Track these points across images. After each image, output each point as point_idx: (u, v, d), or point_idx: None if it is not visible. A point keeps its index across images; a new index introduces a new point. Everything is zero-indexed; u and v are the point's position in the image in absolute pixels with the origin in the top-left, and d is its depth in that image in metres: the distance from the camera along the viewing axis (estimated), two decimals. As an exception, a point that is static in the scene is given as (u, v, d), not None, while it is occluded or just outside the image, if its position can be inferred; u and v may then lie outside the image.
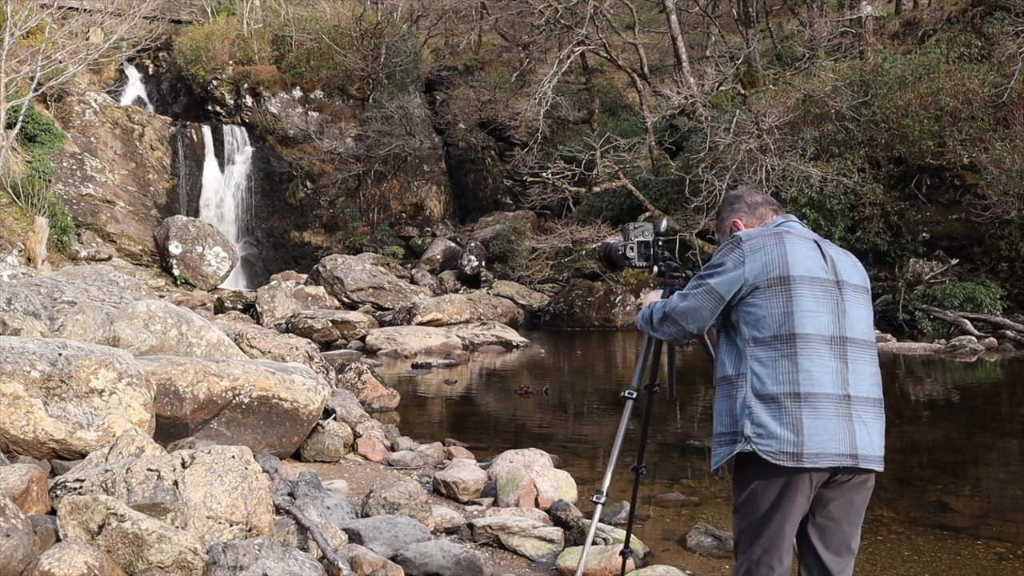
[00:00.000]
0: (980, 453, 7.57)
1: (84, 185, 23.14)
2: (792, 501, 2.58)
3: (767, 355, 2.63)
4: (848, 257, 2.84)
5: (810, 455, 2.52)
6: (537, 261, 20.78)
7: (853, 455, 2.57)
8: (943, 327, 15.06)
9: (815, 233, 2.91)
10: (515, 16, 25.88)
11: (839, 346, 2.65)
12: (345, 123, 27.36)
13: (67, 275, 12.57)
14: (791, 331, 2.62)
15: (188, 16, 30.07)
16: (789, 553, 2.64)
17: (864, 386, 2.67)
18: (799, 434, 2.53)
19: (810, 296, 2.65)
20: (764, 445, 2.56)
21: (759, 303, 2.67)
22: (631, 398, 3.41)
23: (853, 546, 2.70)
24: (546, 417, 9.47)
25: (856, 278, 2.79)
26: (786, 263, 2.67)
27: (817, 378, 2.58)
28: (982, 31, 18.80)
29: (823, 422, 2.55)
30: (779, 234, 2.76)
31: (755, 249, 2.71)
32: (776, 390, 2.59)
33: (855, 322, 2.70)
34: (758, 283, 2.68)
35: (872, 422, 2.65)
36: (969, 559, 4.88)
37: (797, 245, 2.73)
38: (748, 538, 2.66)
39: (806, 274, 2.67)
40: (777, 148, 17.36)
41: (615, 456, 3.42)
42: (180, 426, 5.79)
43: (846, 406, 2.60)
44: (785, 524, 2.60)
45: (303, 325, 15.90)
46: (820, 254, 2.74)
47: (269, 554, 3.62)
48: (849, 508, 2.66)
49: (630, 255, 3.29)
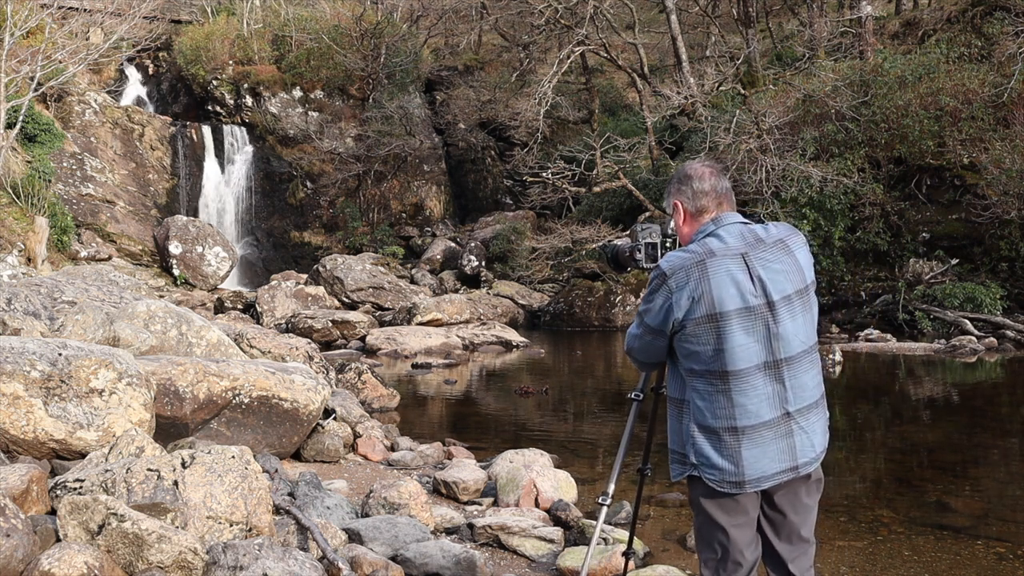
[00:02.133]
0: (980, 453, 7.56)
1: (84, 185, 23.14)
2: (740, 511, 2.76)
3: (704, 388, 2.71)
4: (780, 261, 2.70)
5: (751, 480, 2.69)
6: (537, 261, 20.77)
7: (794, 467, 2.71)
8: (943, 327, 15.06)
9: (751, 227, 2.78)
10: (515, 16, 25.86)
11: (774, 370, 2.68)
12: (345, 123, 27.36)
13: (67, 275, 12.57)
14: (723, 368, 2.66)
15: (188, 16, 30.05)
16: (751, 546, 2.79)
17: (804, 396, 2.73)
18: (738, 465, 2.67)
19: (740, 330, 2.64)
20: (708, 474, 2.71)
21: (690, 339, 2.69)
22: (638, 400, 3.42)
23: (804, 534, 2.81)
24: (546, 417, 9.47)
25: (789, 285, 2.69)
26: (712, 299, 2.64)
27: (752, 411, 2.66)
28: (982, 31, 18.79)
29: (762, 449, 2.68)
30: (702, 262, 2.66)
31: (680, 285, 2.66)
32: (715, 424, 2.69)
33: (790, 339, 2.69)
34: (687, 321, 2.68)
35: (813, 425, 2.75)
36: (969, 559, 4.88)
37: (722, 273, 2.65)
38: (707, 541, 2.81)
39: (733, 308, 2.64)
40: (777, 148, 17.35)
41: (620, 458, 3.42)
42: (180, 426, 5.79)
43: (787, 424, 2.70)
44: (740, 524, 2.76)
45: (303, 325, 15.90)
46: (748, 275, 2.66)
47: (269, 554, 3.62)
48: (795, 501, 2.78)
49: (638, 257, 3.30)
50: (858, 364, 12.90)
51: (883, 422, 8.85)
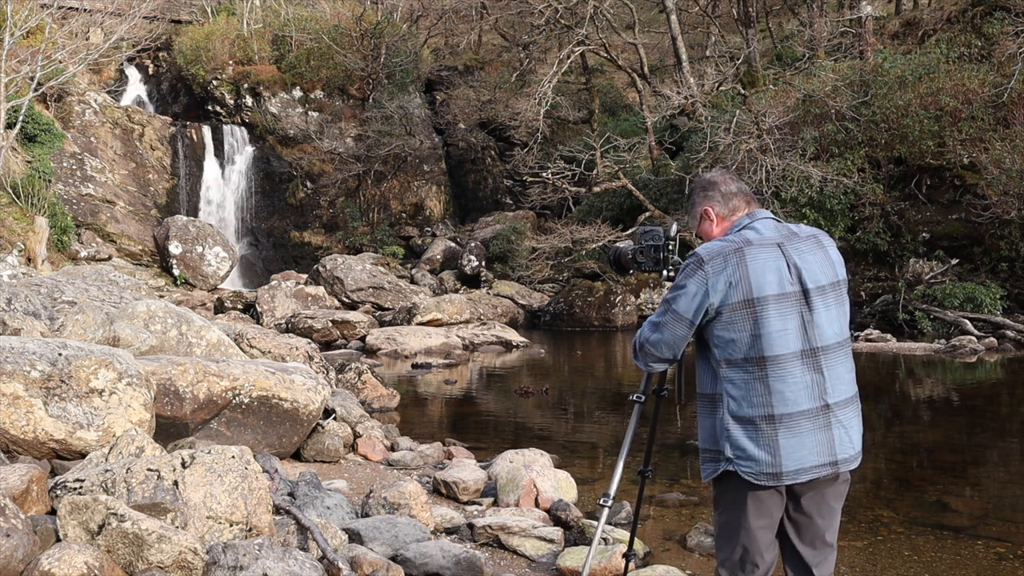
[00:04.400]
0: (980, 453, 7.57)
1: (84, 185, 23.13)
2: (766, 512, 2.72)
3: (740, 377, 2.68)
4: (815, 253, 2.76)
5: (789, 472, 2.64)
6: (537, 261, 20.77)
7: (833, 462, 2.67)
8: (943, 327, 15.05)
9: (784, 223, 2.84)
10: (515, 16, 25.83)
11: (811, 358, 2.68)
12: (345, 123, 27.35)
13: (67, 275, 12.58)
14: (760, 354, 2.65)
15: (188, 16, 30.04)
16: (770, 549, 2.76)
17: (842, 389, 2.73)
18: (776, 455, 2.63)
19: (777, 316, 2.65)
20: (745, 467, 2.67)
21: (726, 326, 2.69)
22: (639, 402, 3.42)
23: (828, 538, 2.78)
24: (546, 417, 9.47)
25: (824, 276, 2.73)
26: (749, 285, 2.65)
27: (790, 398, 2.64)
28: (982, 31, 18.79)
29: (800, 439, 2.64)
30: (740, 249, 2.69)
31: (718, 270, 2.68)
32: (751, 412, 2.66)
33: (825, 328, 2.70)
34: (723, 307, 2.68)
35: (851, 421, 2.73)
36: (969, 559, 4.88)
37: (759, 259, 2.68)
38: (730, 541, 2.77)
39: (770, 293, 2.65)
40: (777, 148, 17.35)
41: (622, 459, 3.42)
42: (180, 426, 5.79)
43: (825, 416, 2.67)
44: (764, 527, 2.73)
45: (303, 325, 15.90)
46: (784, 262, 2.70)
47: (269, 554, 3.62)
48: (821, 504, 2.75)
49: (640, 259, 3.31)
50: (858, 364, 12.83)
51: (883, 422, 8.85)
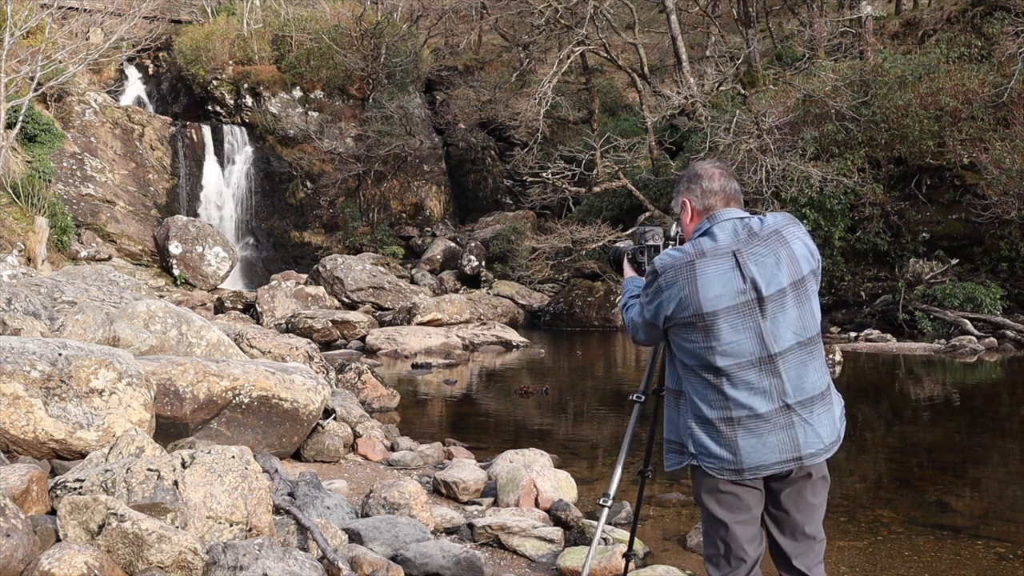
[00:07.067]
0: (980, 453, 7.57)
1: (84, 185, 23.13)
2: (743, 507, 2.77)
3: (699, 382, 2.75)
4: (775, 254, 2.69)
5: (750, 469, 2.70)
6: (537, 261, 20.77)
7: (797, 458, 2.71)
8: (943, 327, 15.06)
9: (747, 221, 2.77)
10: (515, 16, 25.82)
11: (769, 364, 2.69)
12: (345, 123, 27.35)
13: (67, 275, 12.58)
14: (715, 364, 2.70)
15: (188, 16, 30.04)
16: (754, 542, 2.80)
17: (805, 387, 2.72)
18: (736, 453, 2.70)
19: (728, 328, 2.67)
20: (707, 463, 2.75)
21: (682, 336, 2.76)
22: (639, 402, 3.42)
23: (808, 531, 2.81)
24: (546, 417, 9.47)
25: (785, 277, 2.68)
26: (698, 300, 2.68)
27: (746, 403, 2.68)
28: (982, 31, 18.78)
29: (760, 439, 2.69)
30: (691, 263, 2.70)
31: (670, 283, 2.74)
32: (711, 415, 2.73)
33: (783, 332, 2.69)
34: (676, 319, 2.75)
35: (818, 418, 2.73)
36: (969, 559, 4.88)
37: (709, 273, 2.68)
38: (711, 536, 2.84)
39: (720, 307, 2.67)
40: (777, 148, 17.34)
41: (622, 459, 3.43)
42: (180, 426, 5.79)
43: (786, 416, 2.70)
44: (743, 521, 2.78)
45: (303, 325, 15.90)
46: (738, 272, 2.68)
47: (269, 554, 3.62)
48: (799, 500, 2.79)
49: (640, 259, 3.32)
50: (858, 364, 12.90)
51: (883, 422, 8.85)
